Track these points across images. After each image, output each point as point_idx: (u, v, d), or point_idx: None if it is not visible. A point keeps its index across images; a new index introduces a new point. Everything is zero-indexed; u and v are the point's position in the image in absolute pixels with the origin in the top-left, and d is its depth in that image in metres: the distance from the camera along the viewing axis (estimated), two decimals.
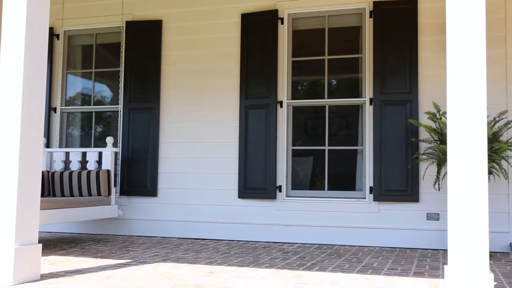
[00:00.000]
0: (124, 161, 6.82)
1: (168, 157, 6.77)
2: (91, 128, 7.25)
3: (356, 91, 6.36)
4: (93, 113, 7.24)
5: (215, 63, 6.70)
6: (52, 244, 5.93)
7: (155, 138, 6.79)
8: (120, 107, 6.95)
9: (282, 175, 6.35)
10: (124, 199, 6.85)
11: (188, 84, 6.79)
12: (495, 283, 4.00)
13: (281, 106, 6.42)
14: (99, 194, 6.34)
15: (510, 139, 5.46)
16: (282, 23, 6.50)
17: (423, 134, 5.85)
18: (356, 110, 6.32)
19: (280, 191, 6.33)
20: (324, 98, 6.43)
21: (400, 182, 5.92)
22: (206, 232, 6.55)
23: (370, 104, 6.13)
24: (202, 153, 6.65)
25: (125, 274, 4.09)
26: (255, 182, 6.38)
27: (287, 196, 6.36)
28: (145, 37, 6.93)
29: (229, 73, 6.64)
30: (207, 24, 6.78)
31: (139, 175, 6.78)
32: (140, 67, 6.91)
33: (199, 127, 6.70)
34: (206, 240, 6.40)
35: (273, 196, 6.31)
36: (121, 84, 6.99)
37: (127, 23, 7.02)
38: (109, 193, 6.39)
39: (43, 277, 3.91)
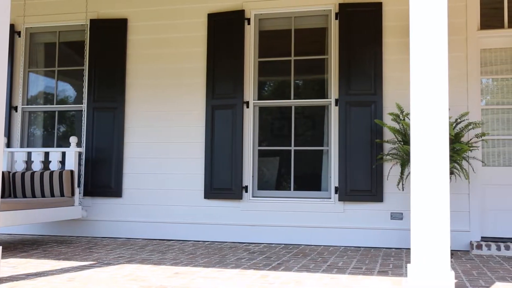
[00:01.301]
0: (88, 161, 6.71)
1: (133, 157, 6.69)
2: (54, 128, 7.11)
3: (322, 92, 6.41)
4: (56, 112, 7.09)
5: (181, 63, 6.66)
6: (13, 246, 5.78)
7: (120, 138, 6.70)
8: (84, 106, 6.84)
9: (249, 176, 6.36)
10: (88, 200, 6.74)
11: (154, 83, 6.72)
12: (456, 280, 4.09)
13: (248, 107, 6.42)
14: (62, 195, 6.22)
15: (470, 140, 5.60)
16: (249, 23, 6.50)
17: (388, 135, 5.94)
18: (322, 111, 6.38)
19: (246, 191, 6.34)
20: (290, 99, 6.46)
21: (365, 182, 5.99)
22: (172, 233, 6.50)
23: (336, 105, 6.19)
24: (168, 153, 6.60)
25: (89, 276, 4.03)
26: (221, 183, 6.36)
27: (253, 197, 6.37)
28: (110, 36, 6.83)
29: (196, 73, 6.61)
30: (173, 24, 6.73)
31: (103, 175, 6.68)
32: (105, 66, 6.81)
33: (165, 127, 6.64)
34: (172, 241, 6.35)
35: (239, 197, 6.31)
36: (85, 83, 6.88)
37: (92, 21, 6.90)
38: (73, 194, 6.28)
39: (3, 280, 3.81)
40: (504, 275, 4.34)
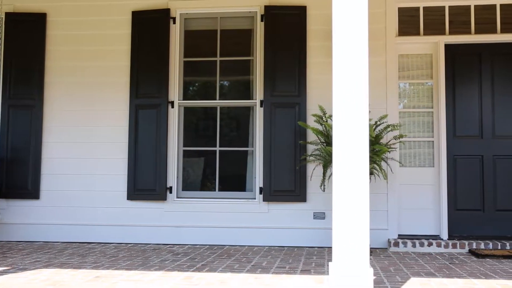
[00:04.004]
0: (2, 161, 6.38)
1: (52, 157, 6.43)
2: None
3: (247, 93, 6.45)
4: None
5: (105, 61, 6.48)
6: None
7: (37, 137, 6.42)
8: None
9: (173, 176, 6.29)
10: (2, 202, 6.40)
11: (75, 81, 6.50)
12: (375, 277, 4.24)
13: (172, 106, 6.35)
14: None
15: (389, 141, 5.83)
16: (174, 22, 6.43)
17: (311, 136, 6.07)
18: (247, 112, 6.42)
19: (170, 192, 6.26)
20: (215, 99, 6.45)
21: (288, 183, 6.09)
22: (93, 235, 6.31)
23: (261, 106, 6.25)
24: (90, 154, 6.40)
25: (2, 282, 3.83)
26: (145, 183, 6.25)
27: (177, 197, 6.30)
28: (27, 30, 6.53)
29: (119, 71, 6.45)
30: (97, 20, 6.54)
31: (19, 176, 6.38)
32: (22, 62, 6.50)
33: (87, 126, 6.44)
34: (93, 244, 6.16)
35: (163, 198, 6.23)
36: (0, 80, 6.54)
37: (7, 14, 6.57)
38: None
39: None
40: (418, 270, 4.55)
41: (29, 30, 6.54)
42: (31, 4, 6.60)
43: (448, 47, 6.19)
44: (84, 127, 6.44)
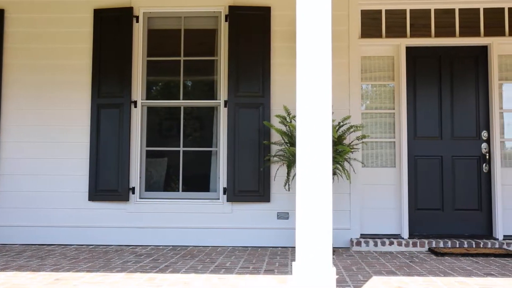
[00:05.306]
0: None
1: (10, 157, 6.27)
2: None
3: (211, 93, 6.43)
4: None
5: (66, 59, 6.36)
6: None
7: None
8: None
9: (136, 177, 6.21)
10: None
11: (34, 80, 6.35)
12: (337, 276, 4.29)
13: (135, 106, 6.28)
14: None
15: (352, 142, 5.90)
16: (137, 21, 6.36)
17: (275, 136, 6.09)
18: (211, 112, 6.40)
19: (133, 193, 6.18)
20: (179, 99, 6.41)
21: (252, 183, 6.09)
22: (53, 237, 6.18)
23: (225, 106, 6.24)
24: (50, 154, 6.26)
25: None
26: (107, 184, 6.16)
27: (140, 198, 6.23)
28: None
29: (81, 70, 6.34)
30: (57, 17, 6.40)
31: None
32: None
33: (47, 126, 6.30)
34: (53, 246, 6.03)
35: (125, 198, 6.15)
36: None
37: None
38: None
39: None
40: (380, 269, 4.62)
41: None
42: None
43: (409, 50, 6.31)
44: (44, 126, 6.30)
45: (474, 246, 5.73)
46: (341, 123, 5.77)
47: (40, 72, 6.36)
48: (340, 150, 5.45)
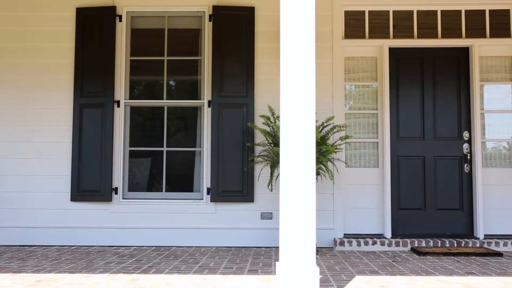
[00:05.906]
0: None
1: None
2: None
3: (195, 93, 6.41)
4: None
5: (47, 58, 6.29)
6: None
7: None
8: None
9: (119, 177, 6.17)
10: None
11: (15, 79, 6.27)
12: (321, 276, 4.30)
13: (118, 106, 6.24)
14: None
15: (335, 142, 5.93)
16: (121, 20, 6.32)
17: (259, 137, 6.09)
18: (195, 112, 6.38)
19: (116, 193, 6.14)
20: (163, 99, 6.38)
21: (236, 183, 6.09)
22: (34, 238, 6.11)
23: (209, 106, 6.22)
24: (31, 154, 6.19)
25: None
26: (89, 184, 6.11)
27: (123, 198, 6.19)
28: None
29: (63, 69, 6.27)
30: (38, 16, 6.33)
31: None
32: None
33: (28, 125, 6.23)
34: (34, 247, 5.97)
35: (108, 199, 6.10)
36: None
37: None
38: None
39: None
40: (363, 269, 4.65)
41: None
42: None
43: (392, 51, 6.36)
44: (25, 126, 6.23)
45: (455, 245, 5.79)
46: (325, 124, 5.79)
47: (21, 72, 6.28)
48: (324, 150, 5.47)
